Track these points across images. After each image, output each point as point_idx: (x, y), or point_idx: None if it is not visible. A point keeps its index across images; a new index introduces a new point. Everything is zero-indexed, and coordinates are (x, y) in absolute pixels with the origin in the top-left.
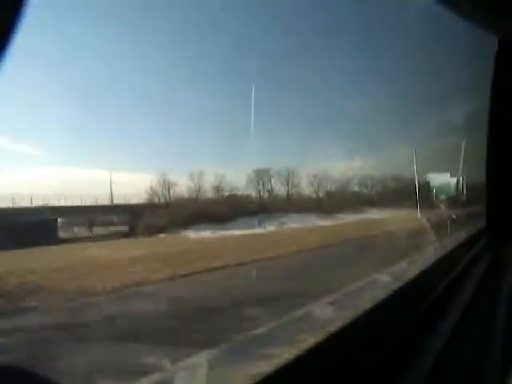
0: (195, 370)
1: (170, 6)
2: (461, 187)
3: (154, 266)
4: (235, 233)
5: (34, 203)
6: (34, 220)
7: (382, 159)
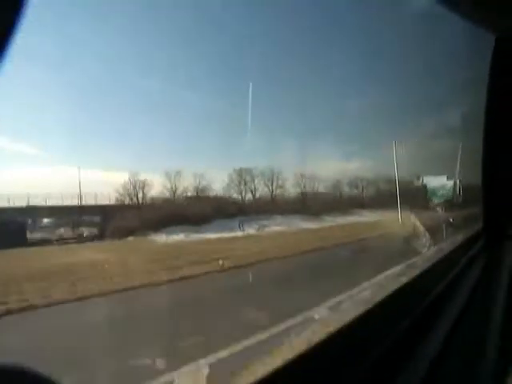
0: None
1: (171, 6)
2: (457, 189)
3: (88, 274)
4: (210, 236)
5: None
6: None
7: (375, 160)
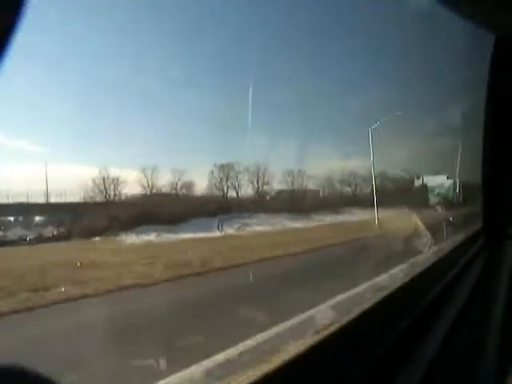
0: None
1: (172, 4)
2: (457, 188)
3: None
4: (184, 236)
5: None
6: None
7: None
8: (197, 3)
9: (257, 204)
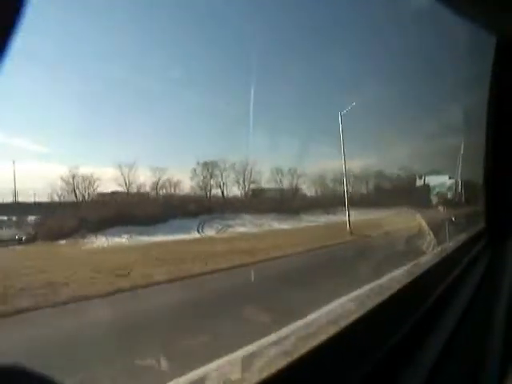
0: None
1: (172, 4)
2: (459, 188)
3: None
4: (157, 239)
5: None
6: None
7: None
8: (197, 3)
9: (243, 204)
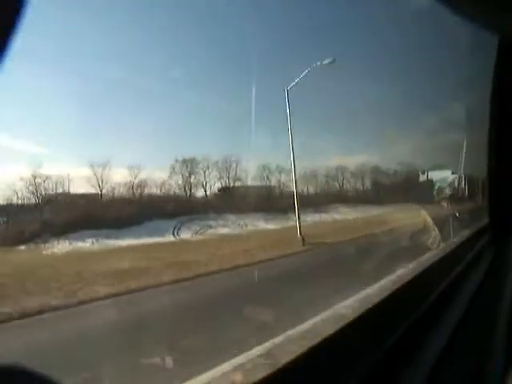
0: None
1: (172, 4)
2: (462, 184)
3: None
4: (124, 243)
5: None
6: None
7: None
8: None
9: (227, 203)
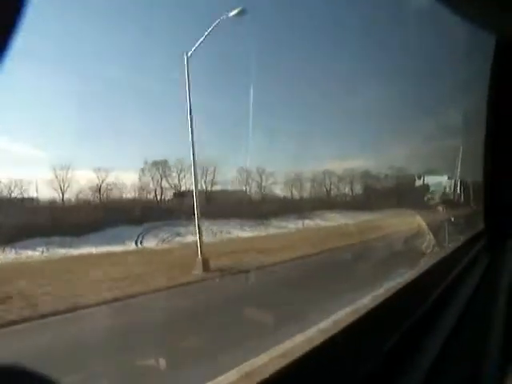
0: None
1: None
2: (458, 189)
3: None
4: (75, 253)
5: None
6: None
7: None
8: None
9: (201, 207)
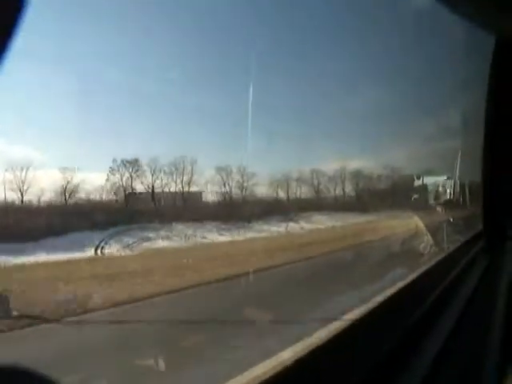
0: None
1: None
2: (457, 190)
3: None
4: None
5: None
6: None
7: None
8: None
9: (177, 210)
